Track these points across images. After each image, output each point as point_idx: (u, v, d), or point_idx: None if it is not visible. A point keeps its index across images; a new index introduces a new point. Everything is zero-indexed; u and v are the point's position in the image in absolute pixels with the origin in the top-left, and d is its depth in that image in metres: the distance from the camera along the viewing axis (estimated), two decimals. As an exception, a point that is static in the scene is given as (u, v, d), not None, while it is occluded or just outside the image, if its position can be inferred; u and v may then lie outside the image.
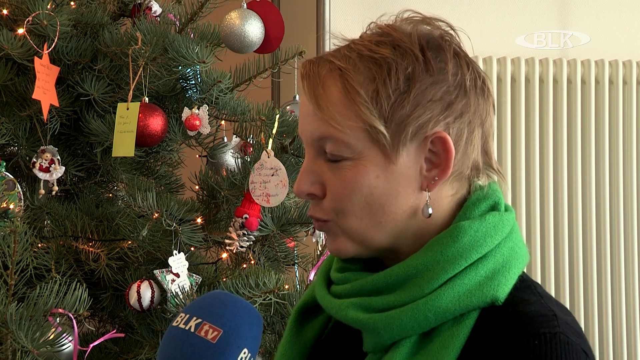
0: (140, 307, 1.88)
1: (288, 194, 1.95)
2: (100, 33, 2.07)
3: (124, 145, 1.94)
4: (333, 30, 2.80)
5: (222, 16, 2.11)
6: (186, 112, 2.01)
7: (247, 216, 1.96)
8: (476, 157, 1.00)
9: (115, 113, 1.97)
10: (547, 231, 3.22)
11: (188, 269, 1.94)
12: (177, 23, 2.13)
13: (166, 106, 2.16)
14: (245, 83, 2.14)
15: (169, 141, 2.18)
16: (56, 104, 1.95)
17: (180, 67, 2.03)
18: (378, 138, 0.95)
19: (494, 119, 1.03)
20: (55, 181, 2.00)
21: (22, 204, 1.94)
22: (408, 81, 0.95)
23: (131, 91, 1.96)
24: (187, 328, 0.99)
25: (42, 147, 1.99)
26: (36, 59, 1.91)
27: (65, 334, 1.66)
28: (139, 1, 2.20)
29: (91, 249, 1.97)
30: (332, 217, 1.00)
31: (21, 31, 1.93)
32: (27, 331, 1.59)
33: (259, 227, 2.00)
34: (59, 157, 2.00)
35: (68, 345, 1.69)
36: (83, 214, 2.04)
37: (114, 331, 1.88)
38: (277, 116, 1.97)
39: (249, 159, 2.04)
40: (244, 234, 1.97)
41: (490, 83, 1.03)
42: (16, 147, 2.04)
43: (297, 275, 2.18)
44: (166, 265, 1.91)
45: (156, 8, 2.21)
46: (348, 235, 1.00)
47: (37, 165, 1.98)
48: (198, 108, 2.01)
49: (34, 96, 1.89)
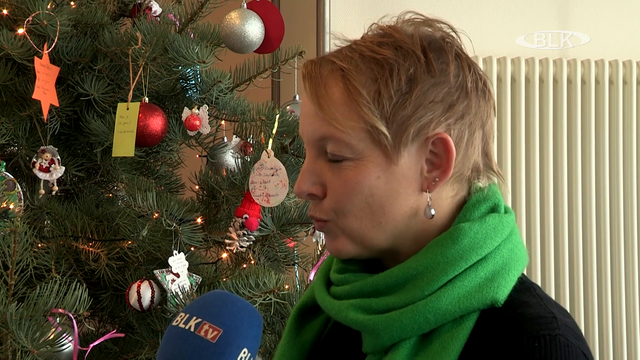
0: (140, 307, 1.88)
1: (288, 194, 1.95)
2: (100, 33, 2.06)
3: (124, 145, 1.94)
4: (333, 30, 2.80)
5: (222, 16, 2.10)
6: (186, 112, 2.01)
7: (247, 216, 1.96)
8: (476, 159, 1.00)
9: (115, 113, 1.97)
10: (547, 232, 3.22)
11: (188, 269, 1.94)
12: (177, 23, 2.13)
13: (166, 106, 2.16)
14: (245, 83, 2.14)
15: (169, 141, 2.17)
16: (56, 104, 1.95)
17: (180, 67, 2.03)
18: (379, 139, 0.95)
19: (495, 121, 1.03)
20: (55, 181, 2.00)
21: (22, 204, 1.94)
22: (410, 82, 0.95)
23: (131, 91, 1.96)
24: (187, 328, 0.99)
25: (42, 147, 1.99)
26: (36, 59, 1.90)
27: (65, 334, 1.66)
28: (139, 1, 2.20)
29: (91, 249, 1.97)
30: (332, 218, 1.00)
31: (21, 31, 1.93)
32: (27, 331, 1.59)
33: (259, 227, 2.00)
34: (59, 157, 1.99)
35: (68, 345, 1.69)
36: (83, 214, 2.04)
37: (114, 331, 1.88)
38: (277, 116, 1.97)
39: (249, 159, 2.04)
40: (244, 234, 1.97)
41: (491, 85, 1.03)
42: (16, 147, 2.04)
43: (297, 275, 2.18)
44: (166, 265, 1.91)
45: (156, 8, 2.21)
46: (348, 235, 1.00)
47: (37, 165, 1.98)
48: (198, 108, 2.01)
49: (34, 96, 1.89)
